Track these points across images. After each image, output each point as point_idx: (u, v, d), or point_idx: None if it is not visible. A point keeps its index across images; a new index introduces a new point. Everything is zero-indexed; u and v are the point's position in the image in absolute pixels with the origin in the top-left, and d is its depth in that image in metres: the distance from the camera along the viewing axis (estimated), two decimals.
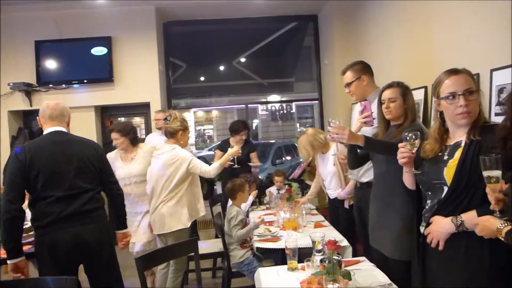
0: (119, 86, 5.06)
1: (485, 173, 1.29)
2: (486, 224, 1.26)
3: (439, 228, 1.52)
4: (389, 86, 2.22)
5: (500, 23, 2.31)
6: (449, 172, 1.51)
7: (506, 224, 1.18)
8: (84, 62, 4.99)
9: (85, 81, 5.02)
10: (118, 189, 2.57)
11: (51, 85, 4.97)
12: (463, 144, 1.51)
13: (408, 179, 1.75)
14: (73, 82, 5.00)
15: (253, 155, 4.39)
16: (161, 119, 4.52)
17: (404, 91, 2.19)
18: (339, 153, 2.73)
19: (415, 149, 1.64)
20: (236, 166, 3.76)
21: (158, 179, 2.93)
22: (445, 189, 1.54)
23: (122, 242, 2.60)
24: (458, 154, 1.51)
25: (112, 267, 2.46)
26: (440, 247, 1.54)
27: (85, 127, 5.10)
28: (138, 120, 5.96)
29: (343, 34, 5.04)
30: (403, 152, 1.63)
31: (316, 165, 3.57)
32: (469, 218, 1.43)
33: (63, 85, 5.00)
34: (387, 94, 2.19)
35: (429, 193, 1.64)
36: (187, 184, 2.96)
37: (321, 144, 3.24)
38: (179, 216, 2.90)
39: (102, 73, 5.02)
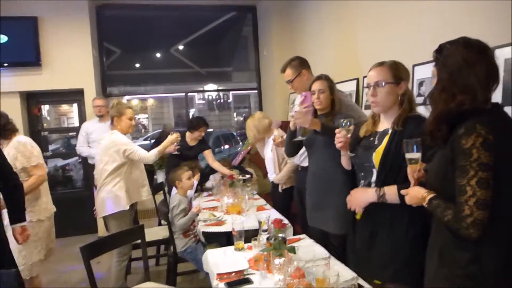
0: (48, 70, 4.72)
1: (407, 155, 1.48)
2: (414, 193, 1.42)
3: (360, 196, 1.75)
4: (318, 78, 2.44)
5: (420, 23, 2.62)
6: (376, 157, 1.72)
7: (428, 193, 1.38)
8: (6, 44, 4.57)
9: (6, 64, 4.60)
10: (18, 179, 2.43)
11: None
12: (389, 132, 1.73)
13: (345, 161, 1.95)
14: None
15: (208, 153, 4.12)
16: (102, 105, 4.36)
17: (330, 83, 2.42)
18: (274, 137, 2.93)
19: (350, 134, 1.82)
20: (177, 153, 3.66)
21: (98, 164, 3.03)
22: (374, 171, 1.75)
23: (22, 236, 2.41)
24: (385, 141, 1.72)
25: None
26: (357, 213, 1.77)
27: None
28: (66, 108, 5.62)
29: (281, 26, 5.22)
30: (339, 138, 1.81)
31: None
32: (390, 191, 1.65)
33: None
34: (317, 85, 2.40)
35: (362, 174, 1.84)
36: (126, 169, 3.00)
37: (265, 129, 3.41)
38: (117, 199, 2.93)
39: (27, 56, 4.65)
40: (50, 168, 5.25)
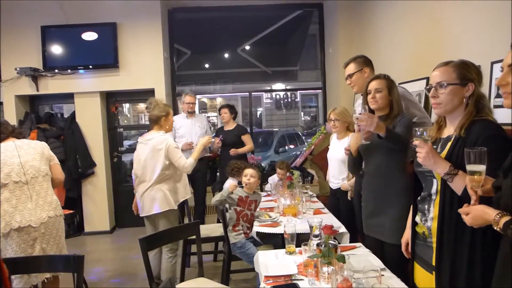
0: (124, 72, 5.11)
1: (469, 167, 1.28)
2: (480, 214, 1.24)
3: (432, 154, 1.47)
4: (376, 77, 2.30)
5: (502, 15, 2.32)
6: None
7: (502, 214, 1.15)
8: (90, 48, 5.03)
9: (90, 66, 5.06)
10: None
11: (57, 70, 5.03)
12: (453, 138, 1.54)
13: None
14: (78, 67, 5.05)
15: (246, 138, 4.56)
16: (193, 102, 4.62)
17: (390, 83, 2.26)
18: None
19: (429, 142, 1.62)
20: (208, 154, 4.08)
21: (148, 162, 3.01)
22: (435, 182, 1.59)
23: None
24: (446, 148, 1.55)
25: None
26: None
27: (91, 113, 5.19)
28: (142, 106, 6.01)
29: (348, 23, 5.03)
30: (420, 150, 1.52)
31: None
32: (460, 181, 1.40)
33: (69, 70, 5.05)
34: (373, 84, 2.26)
35: (424, 184, 1.69)
36: (173, 169, 3.05)
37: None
38: (167, 198, 3.01)
39: (107, 59, 5.06)
40: (126, 162, 5.68)
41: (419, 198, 1.70)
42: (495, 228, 1.17)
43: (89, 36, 5.01)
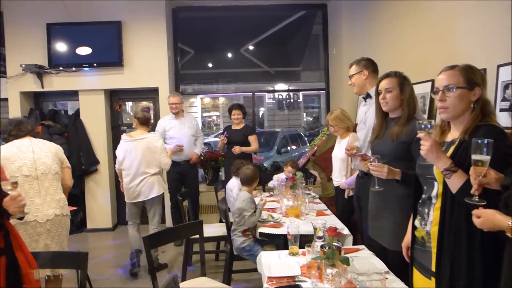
0: (128, 70, 5.12)
1: (474, 157, 1.30)
2: (492, 218, 1.23)
3: (435, 150, 1.46)
4: (387, 75, 2.17)
5: (508, 18, 2.32)
6: (438, 169, 1.52)
7: None
8: (94, 46, 5.04)
9: (95, 64, 5.07)
10: None
11: (61, 68, 5.04)
12: (457, 142, 1.53)
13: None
14: (83, 65, 5.06)
15: (252, 138, 4.58)
16: (177, 102, 4.52)
17: (402, 81, 2.13)
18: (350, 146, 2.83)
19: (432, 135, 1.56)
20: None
21: (145, 158, 3.63)
22: (436, 185, 1.58)
23: None
24: (450, 152, 1.53)
25: None
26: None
27: (95, 110, 5.20)
28: (145, 105, 6.01)
29: (352, 24, 5.02)
30: (424, 141, 1.50)
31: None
32: (458, 178, 1.41)
33: (73, 68, 5.06)
34: (383, 84, 2.14)
35: (425, 187, 1.68)
36: None
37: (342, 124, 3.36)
38: (162, 183, 3.77)
39: (111, 57, 5.07)
40: None
41: (419, 201, 1.70)
42: (508, 234, 1.17)
43: (94, 34, 5.01)
